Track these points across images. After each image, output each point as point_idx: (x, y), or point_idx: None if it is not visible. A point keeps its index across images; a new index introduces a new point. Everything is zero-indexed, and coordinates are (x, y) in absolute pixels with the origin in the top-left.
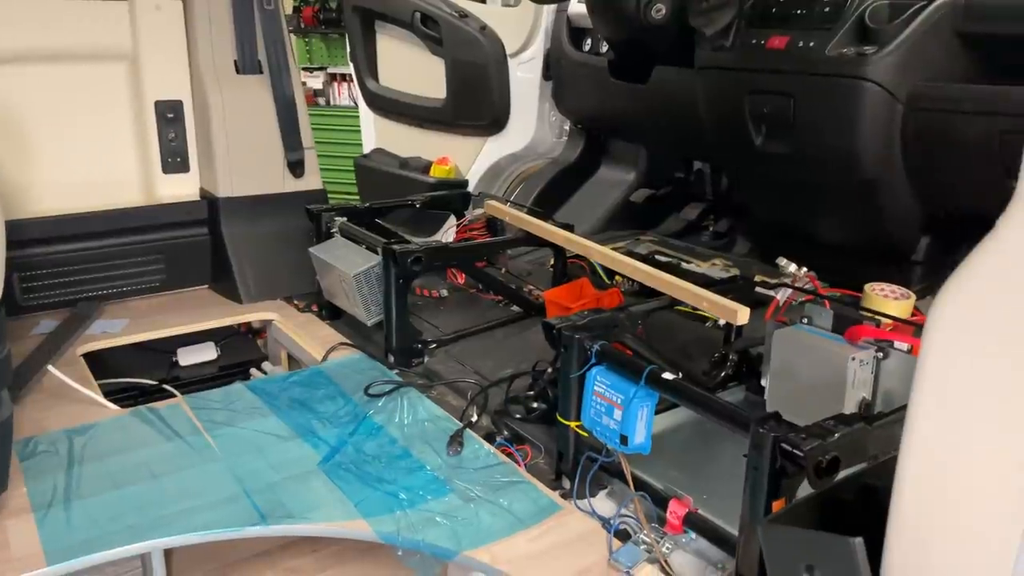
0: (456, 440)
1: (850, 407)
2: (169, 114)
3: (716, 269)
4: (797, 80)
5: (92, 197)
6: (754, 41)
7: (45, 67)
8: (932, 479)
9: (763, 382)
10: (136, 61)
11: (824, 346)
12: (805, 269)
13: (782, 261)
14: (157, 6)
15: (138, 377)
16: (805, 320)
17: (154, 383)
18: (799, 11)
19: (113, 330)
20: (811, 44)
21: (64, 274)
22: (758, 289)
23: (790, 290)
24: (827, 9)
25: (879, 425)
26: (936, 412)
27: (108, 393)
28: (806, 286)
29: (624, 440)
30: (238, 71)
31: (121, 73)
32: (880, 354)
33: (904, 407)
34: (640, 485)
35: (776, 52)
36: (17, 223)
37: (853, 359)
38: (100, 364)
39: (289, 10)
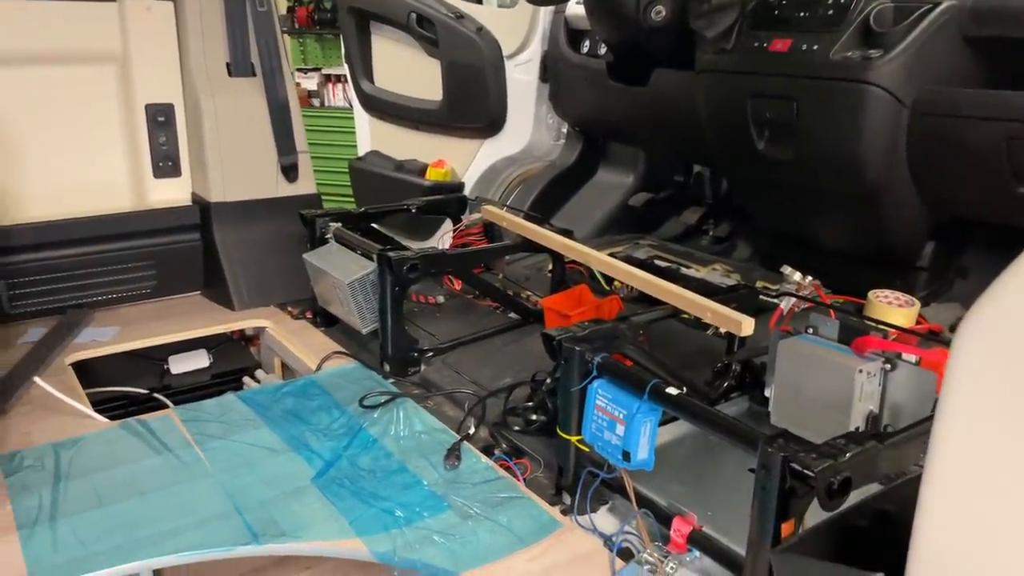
0: (453, 454)
1: (857, 420)
2: (160, 117)
3: (716, 274)
4: (800, 84)
5: (82, 202)
6: (756, 44)
7: (33, 70)
8: (958, 520)
9: (767, 393)
10: (126, 63)
11: (830, 358)
12: (810, 278)
13: (786, 269)
14: (147, 7)
15: (129, 386)
16: (810, 330)
17: (145, 392)
18: (802, 13)
19: (103, 338)
20: (815, 47)
21: (53, 281)
22: (761, 296)
23: (794, 299)
24: (831, 12)
25: (891, 443)
26: (962, 445)
27: (98, 402)
28: (810, 295)
29: (627, 456)
30: (230, 74)
31: (111, 76)
32: (888, 366)
33: (916, 424)
34: (643, 501)
35: (779, 55)
36: (5, 229)
37: (860, 371)
38: (90, 373)
39: (283, 10)
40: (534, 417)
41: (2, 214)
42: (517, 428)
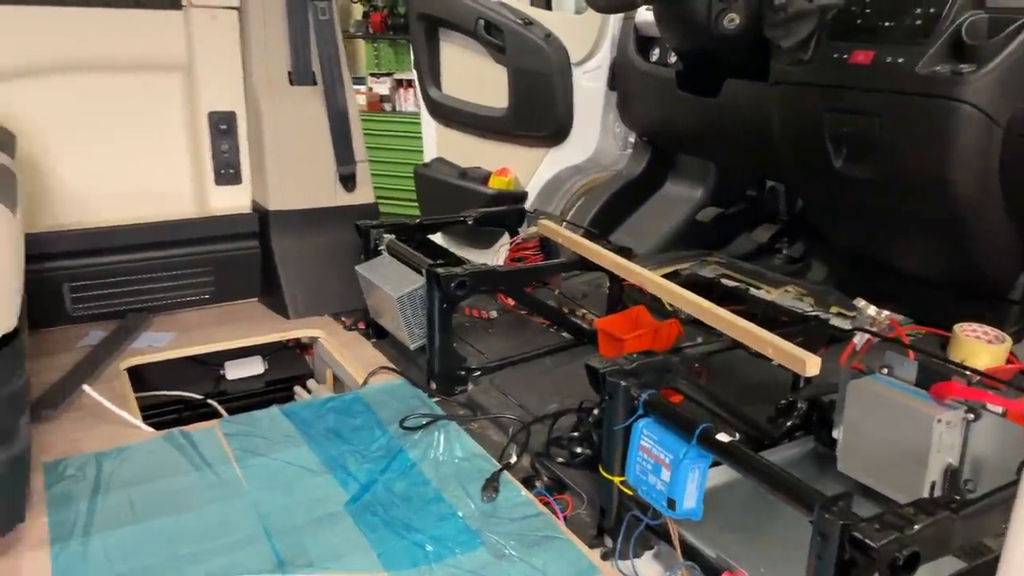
0: (491, 485)
1: (934, 474)
2: (222, 125)
3: (788, 297)
4: (883, 99)
5: (146, 208)
6: (835, 55)
7: (100, 77)
8: None
9: (835, 434)
10: (191, 71)
11: (905, 403)
12: (886, 312)
13: (860, 302)
14: (212, 16)
15: (185, 390)
16: (885, 370)
17: (199, 397)
18: (887, 23)
19: (159, 343)
20: (900, 60)
21: (115, 285)
22: (834, 322)
23: (868, 335)
24: (919, 22)
25: (967, 514)
26: None
27: (154, 406)
28: (886, 330)
29: (672, 504)
30: (291, 82)
31: (176, 83)
32: (970, 415)
33: (997, 491)
34: (689, 552)
35: (860, 68)
36: (70, 233)
37: (939, 420)
38: (148, 376)
39: (359, 15)
40: (579, 450)
41: (68, 218)
42: (561, 460)
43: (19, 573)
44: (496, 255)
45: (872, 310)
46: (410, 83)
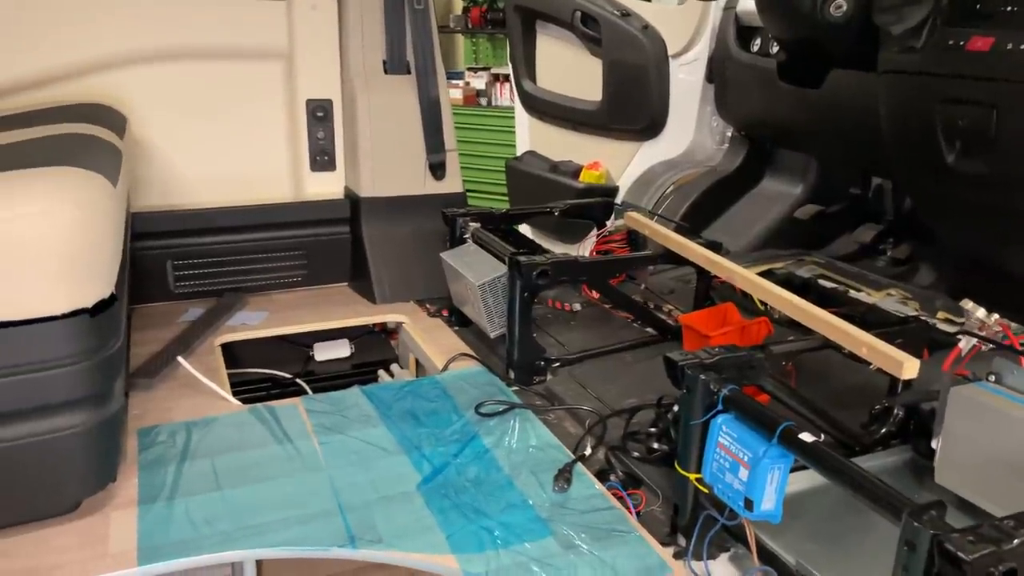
0: (563, 475)
1: None
2: (319, 112)
3: (891, 300)
4: (1002, 89)
5: (244, 191)
6: (951, 42)
7: (206, 64)
8: None
9: (933, 444)
10: (291, 60)
11: (1013, 413)
12: (996, 316)
13: (968, 304)
14: (313, 6)
15: (275, 369)
16: (991, 377)
17: (288, 376)
18: (1010, 8)
19: (252, 322)
20: (1022, 47)
21: (214, 264)
22: (940, 326)
23: (975, 339)
24: None
25: None
26: None
27: (245, 383)
28: (996, 335)
29: (749, 504)
30: (386, 71)
31: (277, 71)
32: None
33: None
34: (768, 557)
35: (978, 55)
36: (175, 213)
37: None
38: (241, 354)
39: (459, 11)
40: (656, 445)
41: (174, 199)
42: (637, 455)
43: (107, 529)
44: (582, 247)
45: (981, 312)
46: (506, 77)
